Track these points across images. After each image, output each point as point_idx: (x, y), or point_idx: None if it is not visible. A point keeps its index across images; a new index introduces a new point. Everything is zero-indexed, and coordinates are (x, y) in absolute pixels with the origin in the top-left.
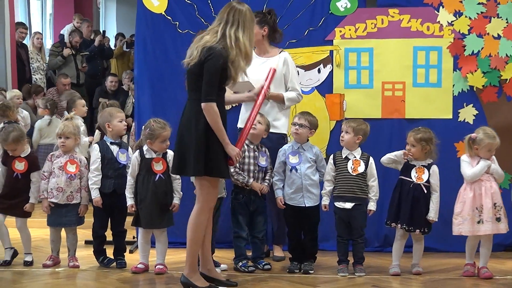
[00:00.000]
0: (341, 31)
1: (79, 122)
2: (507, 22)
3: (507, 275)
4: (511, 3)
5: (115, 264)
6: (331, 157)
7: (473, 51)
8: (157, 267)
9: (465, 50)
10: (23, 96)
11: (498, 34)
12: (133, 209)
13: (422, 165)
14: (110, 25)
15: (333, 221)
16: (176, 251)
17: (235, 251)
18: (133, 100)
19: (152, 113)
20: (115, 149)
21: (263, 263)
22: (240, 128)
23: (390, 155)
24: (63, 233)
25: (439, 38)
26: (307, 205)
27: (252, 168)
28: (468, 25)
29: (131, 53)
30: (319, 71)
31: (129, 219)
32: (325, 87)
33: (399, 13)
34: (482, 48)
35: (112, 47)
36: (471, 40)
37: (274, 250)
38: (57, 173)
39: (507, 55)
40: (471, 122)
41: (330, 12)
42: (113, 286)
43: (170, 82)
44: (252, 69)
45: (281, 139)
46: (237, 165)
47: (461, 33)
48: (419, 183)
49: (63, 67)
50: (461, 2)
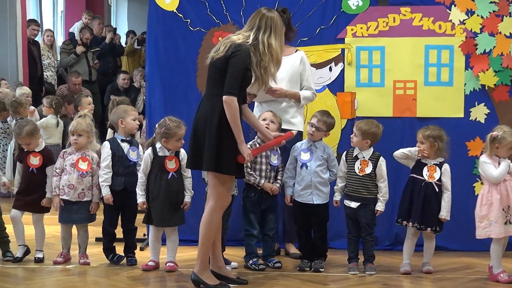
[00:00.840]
0: (352, 30)
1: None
2: None
3: None
4: None
5: (125, 261)
6: (344, 154)
7: (485, 50)
8: (167, 265)
9: (477, 49)
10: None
11: (510, 33)
12: (145, 206)
13: (434, 164)
14: (121, 22)
15: (343, 219)
16: (186, 249)
17: (246, 249)
18: (144, 97)
19: (163, 111)
20: (125, 146)
21: (274, 261)
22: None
23: (404, 150)
24: (74, 230)
25: (451, 36)
26: (315, 202)
27: (264, 167)
28: (480, 24)
29: (142, 50)
30: (330, 69)
31: (140, 217)
32: (337, 86)
33: (411, 11)
34: (494, 47)
35: (123, 44)
36: (483, 39)
37: (287, 248)
38: (69, 170)
39: None
40: (483, 121)
41: (341, 10)
42: (123, 283)
43: (181, 79)
44: None
45: (298, 136)
46: (249, 165)
47: (473, 31)
48: (431, 181)
49: (75, 64)
50: (473, 0)
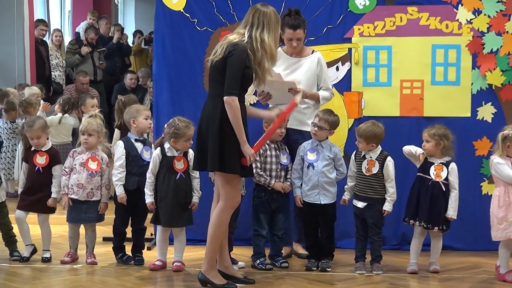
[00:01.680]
0: (359, 29)
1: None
2: None
3: None
4: None
5: (133, 261)
6: (353, 154)
7: (492, 49)
8: (175, 264)
9: (484, 48)
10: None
11: None
12: (153, 206)
13: (440, 163)
14: (128, 22)
15: (350, 219)
16: (194, 248)
17: (254, 249)
18: (151, 97)
19: (170, 110)
20: (139, 146)
21: (281, 261)
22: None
23: (411, 149)
24: (82, 230)
25: (458, 36)
26: (323, 202)
27: (274, 167)
28: (487, 23)
29: (149, 50)
30: (337, 69)
31: (148, 216)
32: (344, 85)
33: (417, 11)
34: (501, 46)
35: (130, 44)
36: (490, 38)
37: (295, 247)
38: (78, 170)
39: None
40: (490, 120)
41: (348, 10)
42: (131, 283)
43: (188, 79)
44: (286, 69)
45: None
46: (258, 165)
47: (480, 31)
48: (437, 180)
49: (80, 64)
50: (480, 0)
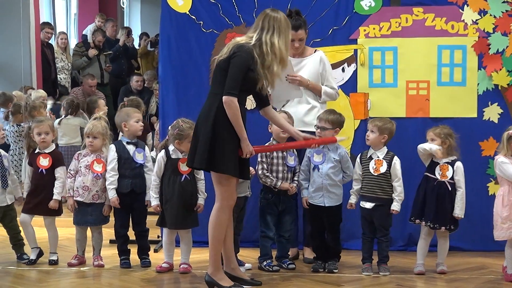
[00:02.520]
0: (365, 30)
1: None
2: None
3: None
4: None
5: (139, 263)
6: (358, 156)
7: (498, 50)
8: (181, 266)
9: (489, 48)
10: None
11: None
12: (159, 209)
13: (445, 162)
14: (134, 24)
15: (357, 220)
16: (200, 250)
17: (260, 250)
18: (157, 99)
19: (176, 112)
20: (131, 148)
21: (288, 263)
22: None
23: (425, 146)
24: (89, 232)
25: (463, 36)
26: (327, 205)
27: (280, 168)
28: (492, 24)
29: (155, 52)
30: (343, 70)
31: (154, 218)
32: (350, 86)
33: (423, 11)
34: (507, 46)
35: (136, 46)
36: (496, 38)
37: (304, 251)
38: (84, 172)
39: None
40: (496, 121)
41: (354, 11)
42: (137, 285)
43: (194, 81)
44: (288, 70)
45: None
46: (265, 166)
47: (485, 31)
48: (443, 180)
49: (87, 67)
50: (485, 0)
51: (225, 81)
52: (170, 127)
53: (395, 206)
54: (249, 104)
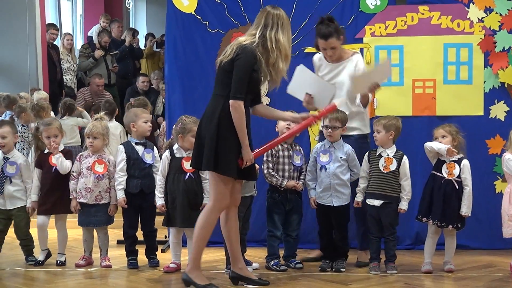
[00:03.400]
0: (371, 29)
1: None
2: None
3: None
4: None
5: (147, 263)
6: (366, 154)
7: (504, 48)
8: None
9: (496, 46)
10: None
11: None
12: (164, 208)
13: (452, 161)
14: (140, 25)
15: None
16: (207, 250)
17: (268, 249)
18: (163, 99)
19: (182, 112)
20: (140, 149)
21: (295, 262)
22: None
23: (434, 146)
24: (96, 233)
25: (469, 34)
26: (335, 205)
27: (286, 167)
28: (498, 22)
29: (161, 53)
30: None
31: (161, 219)
32: None
33: (429, 10)
34: None
35: (142, 47)
36: (502, 36)
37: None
38: (86, 173)
39: None
40: (503, 118)
41: (360, 10)
42: (145, 285)
43: (200, 81)
44: (329, 73)
45: (363, 138)
46: (270, 166)
47: (491, 29)
48: (450, 178)
49: (94, 68)
50: None
51: (229, 83)
52: (174, 125)
53: (403, 205)
54: None
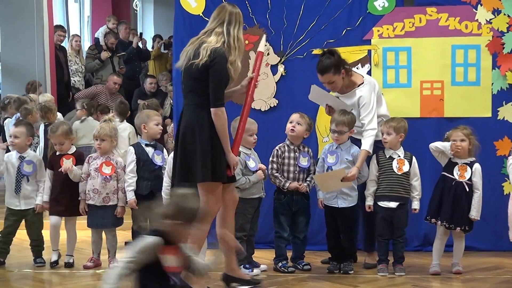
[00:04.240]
0: (379, 31)
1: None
2: None
3: None
4: None
5: None
6: (374, 157)
7: None
8: None
9: (504, 48)
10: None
11: None
12: None
13: (464, 163)
14: (147, 26)
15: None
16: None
17: (275, 251)
18: (171, 101)
19: None
20: (150, 151)
21: (303, 264)
22: None
23: (438, 144)
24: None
25: (477, 36)
26: (341, 206)
27: (291, 168)
28: (506, 23)
29: (169, 54)
30: None
31: None
32: None
33: (437, 11)
34: None
35: (149, 48)
36: (510, 37)
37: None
38: (93, 175)
39: None
40: (511, 120)
41: (367, 11)
42: None
43: None
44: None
45: (378, 142)
46: (275, 166)
47: (499, 31)
48: (461, 180)
49: (101, 69)
50: (499, 0)
51: (205, 91)
52: None
53: (416, 204)
54: (263, 105)
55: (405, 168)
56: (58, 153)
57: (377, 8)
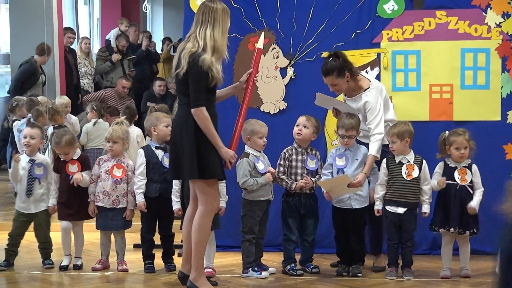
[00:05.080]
0: (388, 34)
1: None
2: None
3: None
4: None
5: (163, 267)
6: (384, 161)
7: None
8: (205, 270)
9: None
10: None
11: None
12: (180, 213)
13: (463, 166)
14: (157, 29)
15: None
16: (224, 254)
17: (284, 254)
18: None
19: None
20: (160, 153)
21: (311, 266)
22: None
23: (432, 187)
24: (113, 237)
25: (487, 39)
26: (354, 207)
27: (299, 171)
28: None
29: None
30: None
31: (177, 223)
32: None
33: (446, 15)
34: None
35: (158, 51)
36: None
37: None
38: (104, 177)
39: None
40: None
41: (377, 14)
42: None
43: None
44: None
45: (386, 147)
46: (281, 169)
47: (509, 34)
48: (464, 184)
49: (111, 72)
50: (509, 3)
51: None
52: None
53: (426, 208)
54: (272, 108)
55: (415, 173)
56: (62, 158)
57: (387, 11)
